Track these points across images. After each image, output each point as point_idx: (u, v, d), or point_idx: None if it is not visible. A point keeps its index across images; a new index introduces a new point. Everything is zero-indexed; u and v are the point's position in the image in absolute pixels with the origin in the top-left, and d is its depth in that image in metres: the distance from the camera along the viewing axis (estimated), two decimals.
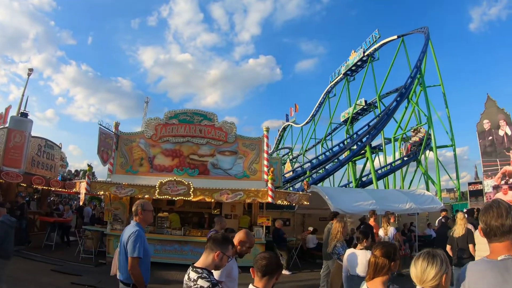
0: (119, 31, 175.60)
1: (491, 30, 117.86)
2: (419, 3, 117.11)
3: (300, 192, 14.51)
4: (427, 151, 34.51)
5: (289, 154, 57.25)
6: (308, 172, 32.62)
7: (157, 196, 11.71)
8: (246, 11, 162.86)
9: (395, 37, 38.95)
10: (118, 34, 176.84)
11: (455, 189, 46.02)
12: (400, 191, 21.13)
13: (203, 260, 2.98)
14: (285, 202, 13.22)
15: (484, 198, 24.51)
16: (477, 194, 25.60)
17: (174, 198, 12.13)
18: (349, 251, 5.65)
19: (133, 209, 4.32)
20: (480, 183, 25.92)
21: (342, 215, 12.48)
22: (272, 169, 13.54)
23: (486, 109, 25.96)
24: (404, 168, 35.77)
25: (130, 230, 4.08)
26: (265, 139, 14.53)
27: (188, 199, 11.94)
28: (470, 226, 7.93)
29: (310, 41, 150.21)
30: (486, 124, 25.76)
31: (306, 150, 53.90)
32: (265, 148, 14.47)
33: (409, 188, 30.13)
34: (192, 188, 11.82)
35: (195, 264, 2.95)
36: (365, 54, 40.95)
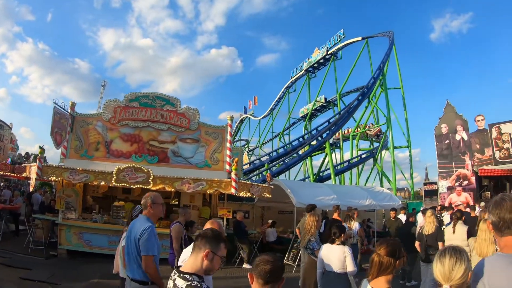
0: (80, 9, 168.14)
1: (451, 41, 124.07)
2: (385, 9, 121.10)
3: (263, 185, 14.19)
4: (383, 151, 35.34)
5: (246, 146, 57.00)
6: (266, 165, 32.47)
7: (113, 183, 11.00)
8: (213, 0, 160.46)
9: (360, 38, 39.37)
10: (79, 12, 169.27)
11: (405, 188, 47.85)
12: (360, 187, 21.40)
13: (191, 263, 2.49)
14: (248, 194, 12.91)
15: (439, 198, 25.57)
16: (432, 194, 26.64)
17: (132, 186, 11.41)
18: (325, 246, 5.42)
19: (142, 202, 4.05)
20: (435, 183, 26.88)
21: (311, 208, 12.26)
22: (236, 159, 13.19)
23: (445, 114, 27.13)
24: (360, 166, 36.64)
25: (141, 225, 3.78)
26: (229, 128, 14.10)
27: (147, 187, 11.14)
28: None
29: (274, 36, 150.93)
30: (444, 128, 26.87)
31: (263, 143, 53.88)
32: (229, 137, 14.05)
33: (365, 185, 30.70)
34: (152, 176, 11.18)
35: (181, 268, 2.48)
36: (329, 52, 41.16)
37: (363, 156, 35.21)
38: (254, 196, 13.72)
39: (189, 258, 2.55)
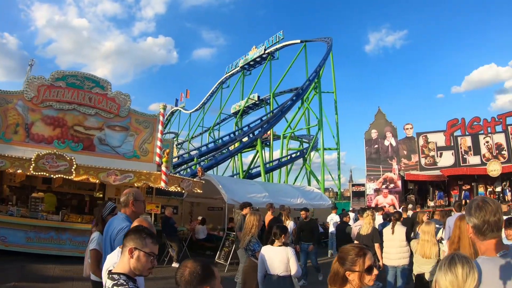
0: None
1: (384, 54, 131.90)
2: (326, 18, 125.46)
3: (194, 179, 13.60)
4: (313, 152, 36.24)
5: (175, 139, 55.52)
6: (195, 159, 31.76)
7: (32, 172, 9.69)
8: None
9: (299, 41, 39.90)
10: None
11: (330, 188, 49.59)
12: (291, 186, 21.57)
13: (120, 263, 2.30)
14: (178, 188, 12.25)
15: (366, 199, 26.97)
16: (359, 195, 27.92)
17: (52, 176, 10.18)
18: (266, 248, 5.09)
19: (123, 199, 3.74)
20: (363, 185, 28.17)
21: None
22: (167, 151, 12.44)
23: (375, 120, 28.80)
24: (289, 165, 36.99)
25: (118, 224, 3.49)
26: (161, 118, 13.20)
27: (70, 177, 10.08)
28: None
29: (213, 30, 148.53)
30: (374, 134, 28.42)
31: (192, 137, 52.89)
32: (160, 127, 13.18)
33: (293, 184, 31.19)
34: (75, 165, 10.02)
35: (112, 269, 2.31)
36: (266, 51, 41.32)
37: (293, 155, 35.69)
38: (184, 191, 13.08)
39: (119, 259, 2.37)
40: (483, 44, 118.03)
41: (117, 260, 3.08)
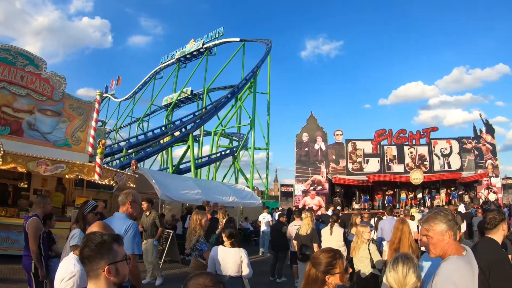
0: None
1: (318, 62, 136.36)
2: (265, 20, 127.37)
3: (128, 173, 12.97)
4: (243, 151, 36.47)
5: (102, 127, 52.53)
6: (124, 150, 30.44)
7: None
8: None
9: (238, 39, 39.97)
10: None
11: (255, 187, 50.24)
12: (223, 184, 21.48)
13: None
14: (112, 182, 11.62)
15: (294, 199, 27.88)
16: (288, 195, 28.91)
17: None
18: (220, 249, 5.06)
19: (121, 198, 3.78)
20: (291, 185, 29.14)
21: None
22: (103, 141, 11.69)
23: (307, 124, 29.96)
24: (218, 162, 36.94)
25: (123, 222, 3.52)
26: (97, 105, 12.54)
27: None
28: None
29: (152, 18, 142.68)
30: (305, 137, 29.58)
31: (120, 127, 50.69)
32: (95, 115, 12.52)
33: (222, 181, 31.16)
34: (2, 152, 8.98)
35: None
36: (204, 46, 40.95)
37: (223, 153, 35.62)
38: (117, 185, 12.42)
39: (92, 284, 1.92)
40: (413, 62, 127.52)
41: (74, 269, 2.77)
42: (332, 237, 7.71)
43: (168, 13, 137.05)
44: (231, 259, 4.88)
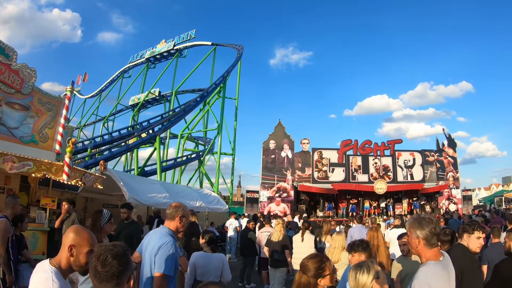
0: None
1: (286, 70, 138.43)
2: (237, 26, 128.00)
3: (96, 174, 12.61)
4: (210, 155, 36.32)
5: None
6: (89, 150, 29.59)
7: None
8: None
9: (210, 43, 39.92)
10: None
11: (219, 192, 50.01)
12: (190, 188, 21.34)
13: None
14: (80, 183, 11.23)
15: (259, 205, 28.23)
16: (253, 201, 29.03)
17: None
18: (201, 254, 5.12)
19: (169, 211, 3.67)
20: (257, 192, 29.30)
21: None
22: (73, 140, 11.23)
23: (274, 131, 30.29)
24: (183, 165, 36.67)
25: (160, 239, 3.39)
26: (67, 101, 12.10)
27: None
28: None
29: (123, 15, 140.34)
30: (272, 144, 29.89)
31: (84, 125, 49.31)
32: (64, 112, 12.08)
33: (187, 185, 30.87)
34: None
35: None
36: (175, 47, 40.61)
37: (189, 156, 35.35)
38: (83, 186, 12.05)
39: None
40: (379, 76, 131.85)
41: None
42: (303, 244, 7.87)
43: (140, 11, 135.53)
44: (213, 264, 4.95)
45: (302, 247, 7.81)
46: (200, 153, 35.30)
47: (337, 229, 12.57)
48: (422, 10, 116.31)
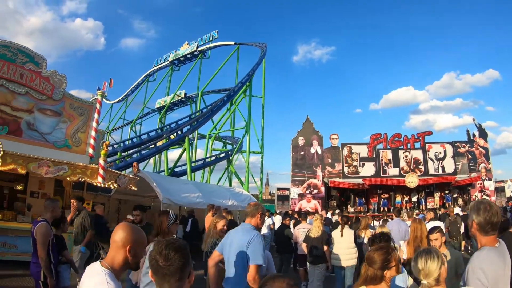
0: None
1: (309, 66, 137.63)
2: (259, 24, 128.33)
3: (130, 176, 12.53)
4: (238, 154, 36.12)
5: None
6: (119, 153, 29.91)
7: None
8: None
9: (233, 43, 39.77)
10: None
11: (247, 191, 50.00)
12: (222, 187, 21.25)
13: None
14: (115, 185, 11.18)
15: (290, 202, 28.01)
16: (284, 198, 28.92)
17: None
18: None
19: (250, 209, 3.85)
20: (287, 189, 29.04)
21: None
22: (107, 142, 11.24)
23: (303, 128, 30.06)
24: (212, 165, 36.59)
25: (248, 233, 3.61)
26: (98, 105, 12.12)
27: None
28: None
29: (145, 21, 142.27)
30: (301, 141, 29.58)
31: (113, 129, 49.90)
32: (96, 116, 12.12)
33: (217, 184, 30.84)
34: (2, 152, 8.35)
35: None
36: (198, 49, 40.61)
37: (218, 156, 35.27)
38: (117, 188, 11.97)
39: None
40: (404, 68, 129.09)
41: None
42: (342, 239, 7.65)
43: (161, 16, 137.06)
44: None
45: (342, 242, 7.59)
46: (229, 153, 35.21)
47: (372, 224, 12.20)
48: (443, 1, 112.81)
